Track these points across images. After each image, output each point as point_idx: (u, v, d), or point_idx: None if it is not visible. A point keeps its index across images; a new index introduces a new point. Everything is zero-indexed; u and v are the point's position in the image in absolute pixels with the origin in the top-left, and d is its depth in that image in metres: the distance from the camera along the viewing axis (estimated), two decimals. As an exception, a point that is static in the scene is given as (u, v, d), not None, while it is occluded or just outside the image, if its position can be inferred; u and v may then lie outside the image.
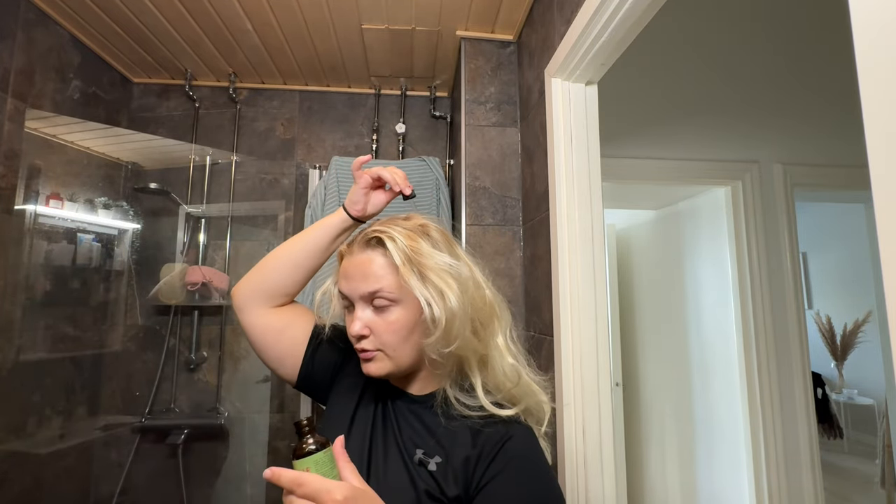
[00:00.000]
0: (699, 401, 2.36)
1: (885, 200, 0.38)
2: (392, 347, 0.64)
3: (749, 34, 1.49)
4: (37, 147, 1.53)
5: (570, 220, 1.20)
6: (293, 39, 1.74)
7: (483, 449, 0.61)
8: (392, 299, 0.63)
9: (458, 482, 0.60)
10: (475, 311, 0.66)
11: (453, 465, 0.61)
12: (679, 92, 1.80)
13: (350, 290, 0.65)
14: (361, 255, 0.66)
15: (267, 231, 2.03)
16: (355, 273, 0.65)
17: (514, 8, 1.54)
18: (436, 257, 0.64)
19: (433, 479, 0.60)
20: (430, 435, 0.65)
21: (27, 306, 1.52)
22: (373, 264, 0.64)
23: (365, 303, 0.65)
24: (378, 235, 0.65)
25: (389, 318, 0.64)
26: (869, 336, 3.84)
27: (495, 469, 0.59)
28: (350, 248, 0.69)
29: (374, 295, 0.63)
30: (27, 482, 1.51)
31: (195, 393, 1.91)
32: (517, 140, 1.64)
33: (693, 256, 2.46)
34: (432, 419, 0.66)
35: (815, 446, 2.03)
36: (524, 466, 0.60)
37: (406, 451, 0.64)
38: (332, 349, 0.78)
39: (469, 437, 0.63)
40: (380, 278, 0.64)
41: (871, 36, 0.40)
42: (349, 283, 0.66)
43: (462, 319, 0.62)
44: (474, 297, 0.66)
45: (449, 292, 0.62)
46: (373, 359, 0.64)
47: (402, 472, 0.63)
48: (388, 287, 0.63)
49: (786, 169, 2.21)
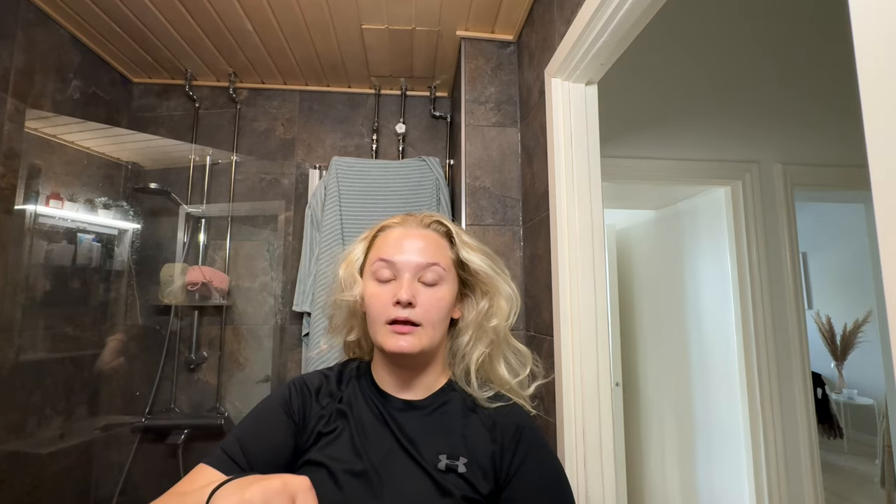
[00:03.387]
0: (699, 401, 2.36)
1: (885, 200, 0.38)
2: (433, 324, 0.65)
3: (749, 34, 1.49)
4: (37, 147, 1.53)
5: (570, 220, 1.20)
6: (293, 39, 1.74)
7: (503, 441, 0.65)
8: (443, 276, 0.67)
9: (489, 478, 0.63)
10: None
11: (480, 462, 0.63)
12: (679, 92, 1.80)
13: (404, 259, 0.66)
14: (420, 230, 0.70)
15: (267, 231, 2.03)
16: (412, 245, 0.67)
17: (514, 8, 1.54)
18: (481, 251, 0.73)
19: (465, 480, 0.62)
20: (447, 438, 0.65)
21: (27, 306, 1.52)
22: (432, 241, 0.69)
23: (414, 275, 0.66)
24: (439, 219, 0.72)
25: (438, 293, 0.66)
26: (869, 336, 3.84)
27: (519, 458, 0.64)
28: (404, 222, 0.71)
29: (429, 267, 0.66)
30: (27, 482, 1.51)
31: (195, 393, 1.91)
32: (517, 140, 1.64)
33: (693, 256, 2.46)
34: (443, 421, 0.67)
35: (815, 446, 2.03)
36: (540, 450, 0.67)
37: (426, 462, 0.62)
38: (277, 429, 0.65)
39: (485, 432, 0.66)
40: (437, 253, 0.68)
41: (871, 36, 0.40)
42: (402, 252, 0.66)
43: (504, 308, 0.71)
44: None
45: (501, 281, 0.71)
46: (412, 333, 0.64)
47: (425, 484, 0.61)
48: (443, 263, 0.67)
49: (786, 169, 2.21)
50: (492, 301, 0.71)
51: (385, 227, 0.72)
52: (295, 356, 1.96)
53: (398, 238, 0.68)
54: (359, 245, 0.73)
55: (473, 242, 0.72)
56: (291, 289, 1.94)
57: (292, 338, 1.97)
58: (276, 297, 1.99)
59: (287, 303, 1.97)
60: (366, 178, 1.84)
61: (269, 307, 1.98)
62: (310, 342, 1.72)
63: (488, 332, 0.70)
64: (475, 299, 0.72)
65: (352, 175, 1.83)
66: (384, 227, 0.72)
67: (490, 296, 0.71)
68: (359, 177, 1.84)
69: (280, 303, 1.99)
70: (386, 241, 0.69)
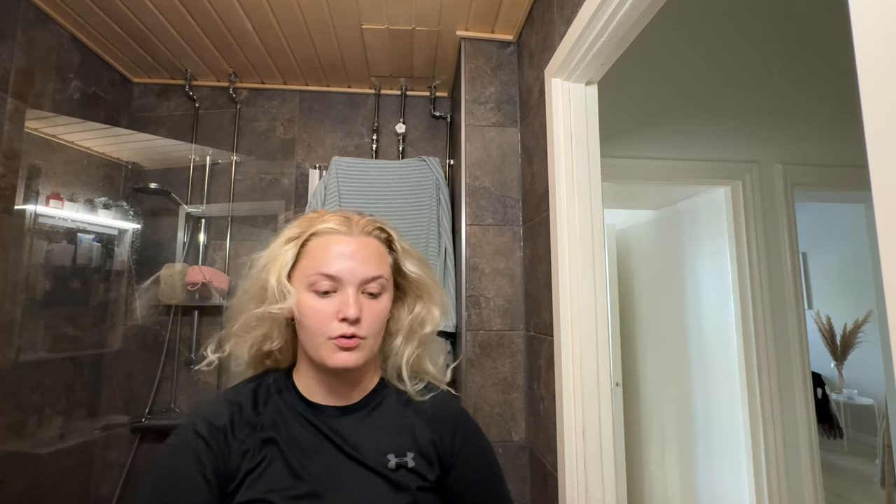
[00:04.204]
0: (699, 401, 2.36)
1: (885, 200, 0.38)
2: (375, 335, 0.65)
3: (749, 34, 1.49)
4: (37, 147, 1.53)
5: (570, 220, 1.20)
6: (293, 39, 1.74)
7: (442, 430, 0.68)
8: (385, 287, 0.66)
9: (434, 465, 0.65)
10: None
11: (424, 452, 0.65)
12: (679, 92, 1.80)
13: (347, 271, 0.62)
14: (362, 237, 0.66)
15: (267, 231, 2.03)
16: (356, 256, 0.63)
17: (514, 8, 1.54)
18: (417, 258, 0.73)
19: (415, 473, 0.63)
20: (389, 435, 0.65)
21: (27, 306, 1.52)
22: (374, 250, 0.66)
23: (357, 287, 0.63)
24: (381, 226, 0.70)
25: (380, 304, 0.65)
26: (869, 336, 3.84)
27: (458, 443, 0.68)
28: (344, 228, 0.66)
29: (373, 279, 0.64)
30: (27, 482, 1.51)
31: (195, 393, 1.91)
32: (517, 140, 1.64)
33: (693, 256, 2.46)
34: (382, 420, 0.67)
35: (815, 446, 2.03)
36: (476, 434, 0.72)
37: (374, 462, 0.62)
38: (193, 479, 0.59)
39: (424, 422, 0.68)
40: (380, 264, 0.65)
41: (871, 36, 0.40)
42: (347, 263, 0.62)
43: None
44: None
45: (436, 290, 0.73)
46: (357, 347, 0.61)
47: (378, 485, 0.61)
48: (386, 273, 0.66)
49: (786, 169, 2.21)
50: (426, 307, 0.72)
51: (320, 233, 0.65)
52: (295, 356, 1.96)
53: (339, 248, 0.63)
54: (288, 249, 0.65)
55: (410, 248, 0.72)
56: (291, 289, 1.94)
57: (292, 338, 1.97)
58: (276, 297, 1.99)
59: (287, 303, 1.97)
60: (366, 178, 1.84)
61: (269, 307, 1.98)
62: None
63: (419, 336, 0.71)
64: (408, 303, 0.72)
65: (352, 175, 1.83)
66: (319, 232, 0.65)
67: (424, 302, 0.72)
68: (359, 177, 1.84)
69: (280, 303, 1.98)
70: (325, 250, 0.63)
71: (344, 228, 0.65)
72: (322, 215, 0.68)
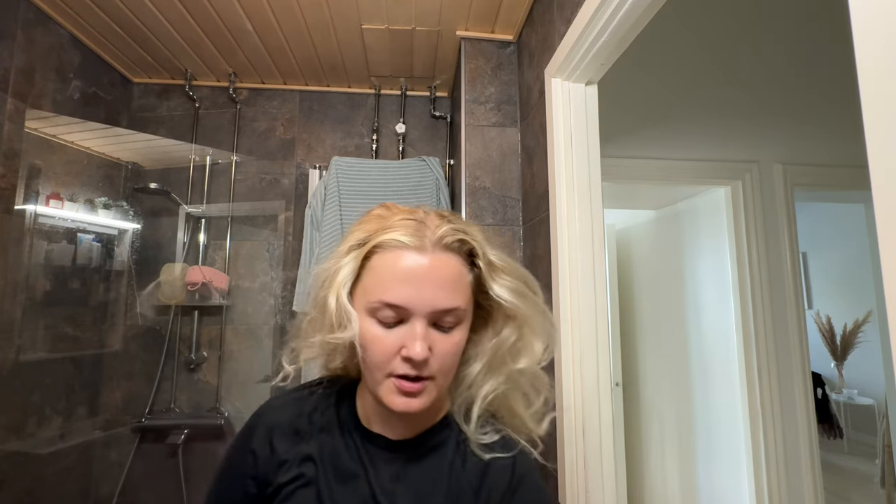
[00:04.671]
0: (699, 401, 2.36)
1: (885, 200, 0.38)
2: (446, 373, 0.53)
3: (749, 34, 1.49)
4: (37, 147, 1.53)
5: (570, 220, 1.20)
6: (293, 39, 1.74)
7: (492, 485, 0.56)
8: (463, 317, 0.53)
9: None
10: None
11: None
12: (679, 92, 1.80)
13: (416, 300, 0.50)
14: (439, 255, 0.52)
15: (267, 231, 2.03)
16: (428, 282, 0.50)
17: (514, 8, 1.54)
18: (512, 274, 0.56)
19: None
20: (431, 494, 0.55)
21: (27, 306, 1.52)
22: (453, 271, 0.52)
23: (429, 320, 0.51)
24: (463, 237, 0.54)
25: (455, 337, 0.52)
26: (869, 336, 3.84)
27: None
28: (415, 239, 0.52)
29: (449, 312, 0.51)
30: (27, 482, 1.51)
31: (195, 393, 1.91)
32: (517, 140, 1.64)
33: (693, 256, 2.46)
34: (430, 469, 0.57)
35: (815, 446, 2.03)
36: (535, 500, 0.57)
37: None
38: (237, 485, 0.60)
39: (474, 479, 0.56)
40: (459, 291, 0.52)
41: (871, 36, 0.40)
42: (416, 293, 0.50)
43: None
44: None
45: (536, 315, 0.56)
46: (423, 390, 0.51)
47: None
48: (465, 303, 0.53)
49: (786, 169, 2.21)
50: (520, 334, 0.56)
51: (386, 246, 0.52)
52: (295, 356, 1.96)
53: (409, 271, 0.51)
54: (348, 262, 0.54)
55: (502, 262, 0.56)
56: (291, 289, 1.94)
57: (292, 338, 1.97)
58: (276, 297, 1.99)
59: (287, 303, 1.97)
60: (366, 178, 1.84)
61: (269, 307, 1.98)
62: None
63: (509, 370, 0.57)
64: (494, 325, 0.57)
65: (352, 175, 1.83)
66: (384, 245, 0.52)
67: (518, 327, 0.56)
68: (359, 177, 1.84)
69: (280, 303, 1.99)
70: (390, 271, 0.51)
71: (415, 241, 0.51)
72: (391, 215, 0.56)
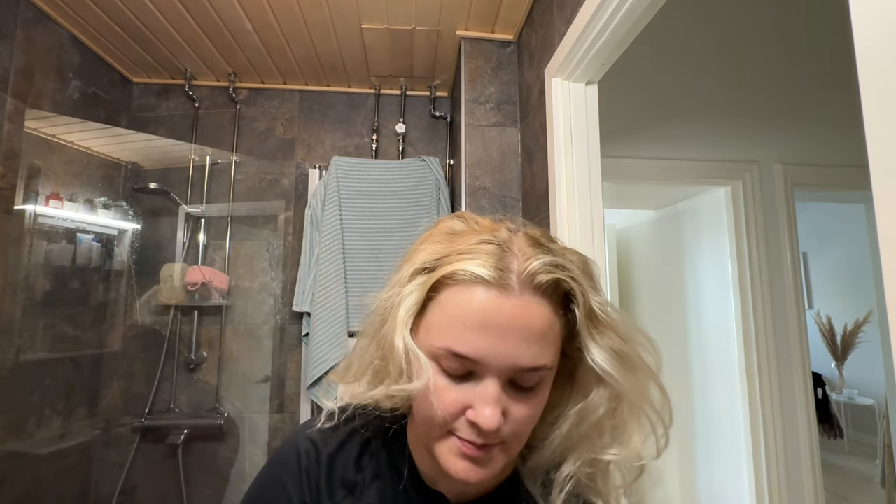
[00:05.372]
0: (699, 401, 2.36)
1: (885, 200, 0.38)
2: (520, 440, 0.42)
3: (749, 34, 1.49)
4: (37, 147, 1.53)
5: (570, 220, 1.20)
6: (293, 39, 1.74)
7: None
8: (546, 378, 0.42)
9: None
10: None
11: None
12: (679, 92, 1.80)
13: (492, 355, 0.39)
14: (527, 298, 0.40)
15: (267, 231, 2.03)
16: (509, 330, 0.39)
17: (514, 8, 1.54)
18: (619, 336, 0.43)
19: None
20: None
21: (27, 306, 1.52)
22: (543, 321, 0.40)
23: (503, 377, 0.40)
24: (561, 276, 0.40)
25: (535, 400, 0.42)
26: (869, 336, 3.84)
27: None
28: (499, 280, 0.39)
29: (532, 371, 0.40)
30: (27, 482, 1.51)
31: (195, 393, 1.91)
32: (517, 140, 1.64)
33: (693, 256, 2.46)
34: None
35: (815, 446, 2.03)
36: None
37: None
38: None
39: None
40: (545, 347, 0.40)
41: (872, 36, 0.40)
42: (497, 342, 0.39)
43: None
44: None
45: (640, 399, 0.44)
46: (487, 458, 0.41)
47: None
48: (552, 360, 0.41)
49: (786, 169, 2.21)
50: (614, 410, 0.44)
51: (459, 279, 0.40)
52: (295, 356, 1.96)
53: (487, 317, 0.39)
54: (413, 291, 0.42)
55: (607, 314, 0.42)
56: (291, 289, 1.94)
57: (292, 338, 1.97)
58: (276, 297, 1.99)
59: (287, 303, 1.97)
60: (366, 178, 1.84)
61: (269, 307, 1.98)
62: (309, 342, 1.72)
63: (597, 455, 0.45)
64: (582, 384, 0.45)
65: (352, 175, 1.83)
66: (457, 277, 0.40)
67: (613, 398, 0.43)
68: (359, 177, 1.84)
69: (280, 303, 1.99)
70: (464, 311, 0.40)
71: (498, 277, 0.39)
72: (467, 232, 0.45)
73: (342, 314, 1.70)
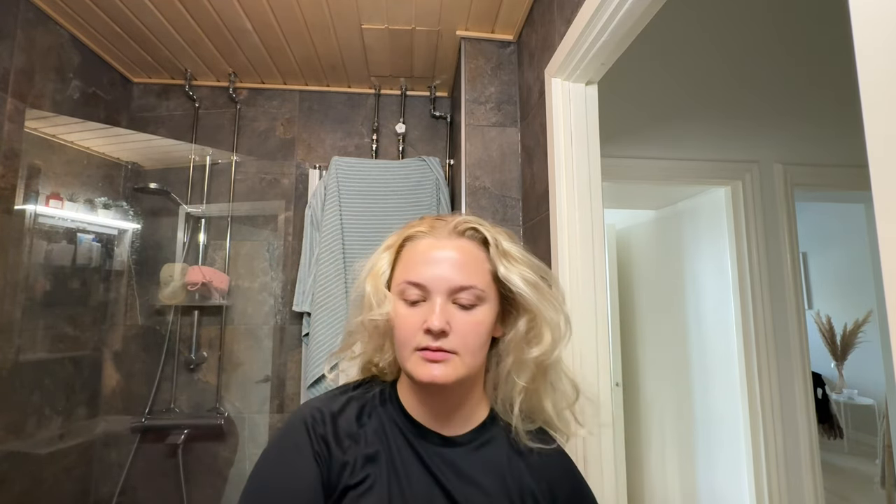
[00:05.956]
0: (699, 401, 2.36)
1: (885, 200, 0.38)
2: (471, 351, 0.56)
3: (749, 34, 1.49)
4: (37, 147, 1.53)
5: (570, 220, 1.20)
6: (293, 39, 1.74)
7: (555, 488, 0.61)
8: (482, 297, 0.57)
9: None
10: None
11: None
12: (679, 92, 1.80)
13: (434, 278, 0.56)
14: (452, 240, 0.59)
15: (267, 231, 2.03)
16: (443, 261, 0.57)
17: (514, 8, 1.54)
18: (524, 263, 0.60)
19: None
20: (496, 480, 0.58)
21: (27, 306, 1.52)
22: (467, 254, 0.58)
23: (448, 297, 0.56)
24: (474, 225, 0.61)
25: (476, 316, 0.57)
26: (869, 336, 3.84)
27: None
28: (433, 230, 0.60)
29: (464, 289, 0.56)
30: (27, 482, 1.51)
31: (195, 393, 1.91)
32: (517, 140, 1.64)
33: (693, 256, 2.46)
34: (489, 461, 0.60)
35: (815, 446, 2.03)
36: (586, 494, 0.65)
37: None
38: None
39: (533, 483, 0.60)
40: (473, 271, 0.57)
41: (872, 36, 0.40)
42: (432, 270, 0.56)
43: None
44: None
45: (545, 305, 0.59)
46: (446, 360, 0.55)
47: None
48: (481, 283, 0.57)
49: (786, 169, 2.21)
50: (533, 325, 0.60)
51: (412, 237, 0.61)
52: (295, 356, 1.96)
53: (426, 252, 0.58)
54: (384, 255, 0.62)
55: (516, 252, 0.61)
56: (291, 289, 1.94)
57: (292, 338, 1.97)
58: (276, 297, 1.99)
59: (287, 303, 1.97)
60: (366, 178, 1.84)
61: (269, 307, 1.98)
62: (309, 342, 1.72)
63: (528, 364, 0.60)
64: (517, 317, 0.61)
65: (352, 175, 1.83)
66: (410, 237, 0.61)
67: (532, 319, 0.60)
68: (359, 177, 1.84)
69: (280, 303, 1.99)
70: (413, 254, 0.59)
71: (436, 231, 0.60)
72: (421, 221, 0.64)
73: (342, 314, 1.70)
